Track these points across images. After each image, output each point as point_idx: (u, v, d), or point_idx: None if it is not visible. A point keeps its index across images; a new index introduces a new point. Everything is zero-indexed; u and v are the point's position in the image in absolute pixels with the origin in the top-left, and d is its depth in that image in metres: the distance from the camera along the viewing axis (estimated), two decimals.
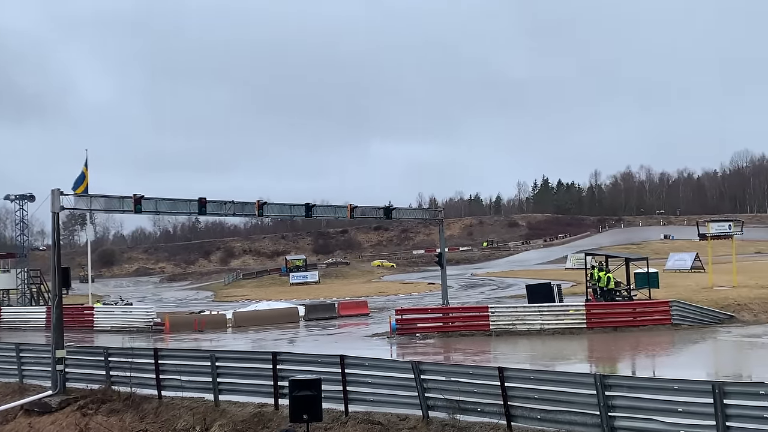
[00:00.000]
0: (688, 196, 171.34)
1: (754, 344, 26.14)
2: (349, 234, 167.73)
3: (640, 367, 23.90)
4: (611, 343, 27.91)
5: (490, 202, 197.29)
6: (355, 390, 15.59)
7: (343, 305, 45.68)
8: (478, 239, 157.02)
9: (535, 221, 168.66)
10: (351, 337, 33.67)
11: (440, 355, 26.93)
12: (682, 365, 23.23)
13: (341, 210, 30.36)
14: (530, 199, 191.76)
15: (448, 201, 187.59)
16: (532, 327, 30.51)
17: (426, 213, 43.39)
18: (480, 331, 30.85)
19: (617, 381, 12.58)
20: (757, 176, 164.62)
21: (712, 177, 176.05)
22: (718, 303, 33.19)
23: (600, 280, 33.27)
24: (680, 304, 31.03)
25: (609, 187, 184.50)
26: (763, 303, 33.84)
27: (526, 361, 24.87)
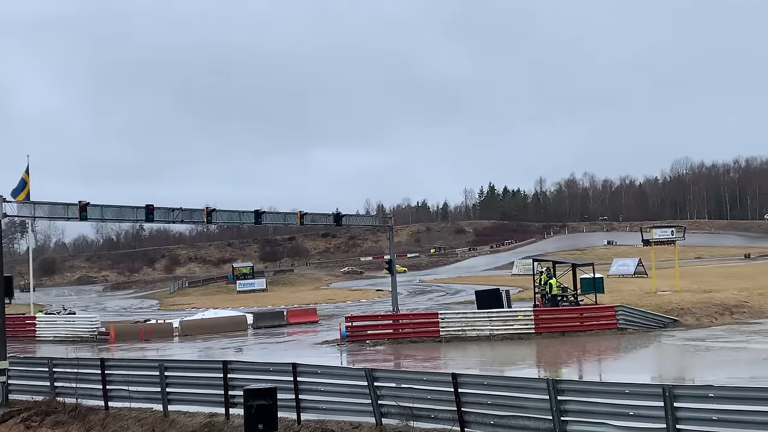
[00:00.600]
0: (630, 203, 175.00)
1: (697, 347, 26.74)
2: (296, 241, 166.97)
3: (589, 371, 24.26)
4: (559, 347, 28.24)
5: (437, 209, 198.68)
6: (307, 398, 15.43)
7: (292, 313, 45.36)
8: (425, 246, 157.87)
9: (482, 228, 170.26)
10: (301, 345, 33.43)
11: (391, 362, 26.93)
12: (629, 369, 23.63)
13: (291, 217, 30.21)
14: (477, 206, 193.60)
15: (395, 208, 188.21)
16: (481, 333, 30.71)
17: (376, 220, 43.46)
18: (430, 337, 30.93)
19: (569, 386, 12.70)
20: (696, 183, 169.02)
21: (654, 184, 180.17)
22: (662, 307, 33.90)
23: (547, 286, 33.65)
24: (626, 308, 31.61)
25: (554, 193, 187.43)
26: (705, 307, 34.68)
27: (476, 366, 25.05)
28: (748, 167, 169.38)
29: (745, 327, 31.25)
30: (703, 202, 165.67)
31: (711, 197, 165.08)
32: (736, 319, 33.61)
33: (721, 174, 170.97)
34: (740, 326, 31.56)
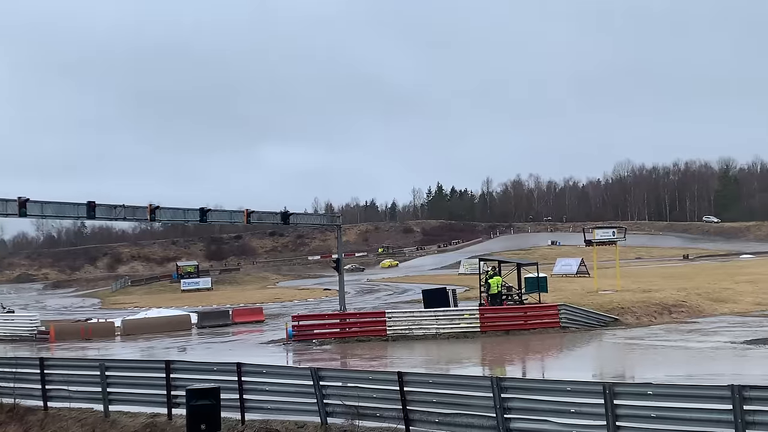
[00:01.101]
0: (573, 204, 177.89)
1: (637, 346, 27.31)
2: (243, 240, 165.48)
3: (532, 369, 24.60)
4: (504, 346, 28.58)
5: (385, 208, 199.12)
6: (252, 398, 15.32)
7: (238, 312, 44.95)
8: (373, 245, 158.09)
9: (430, 227, 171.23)
10: (246, 345, 33.16)
11: (337, 361, 26.91)
12: (571, 367, 24.04)
13: (237, 215, 29.93)
14: (425, 206, 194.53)
15: (344, 207, 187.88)
16: (428, 332, 30.89)
17: (324, 219, 43.35)
18: (377, 336, 30.98)
19: (513, 383, 12.86)
20: (637, 185, 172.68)
21: (596, 185, 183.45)
22: (603, 306, 34.55)
23: (489, 286, 33.94)
24: (568, 307, 32.15)
25: (500, 194, 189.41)
26: (644, 306, 35.47)
27: (422, 365, 25.17)
28: (687, 170, 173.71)
29: (683, 326, 32.05)
30: (643, 203, 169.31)
31: (651, 199, 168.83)
32: (674, 318, 34.47)
33: (661, 177, 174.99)
34: (678, 325, 32.37)
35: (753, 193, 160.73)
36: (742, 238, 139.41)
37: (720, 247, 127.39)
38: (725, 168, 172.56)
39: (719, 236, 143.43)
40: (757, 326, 30.85)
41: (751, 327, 30.66)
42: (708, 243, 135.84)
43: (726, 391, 10.73)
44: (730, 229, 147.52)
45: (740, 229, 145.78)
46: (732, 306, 38.06)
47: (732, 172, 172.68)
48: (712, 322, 32.89)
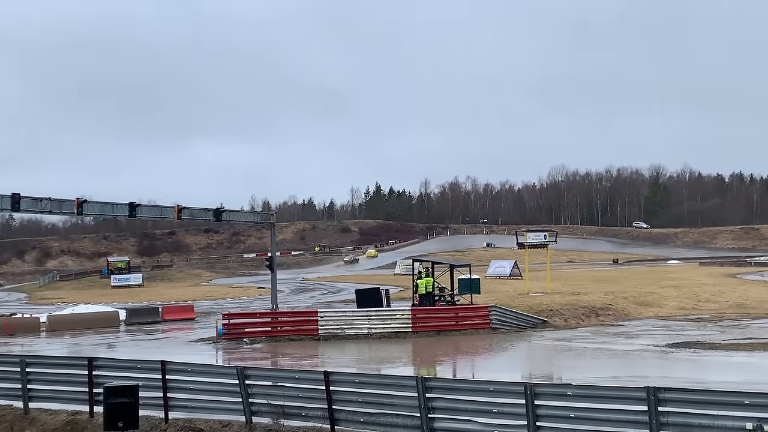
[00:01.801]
0: (509, 207, 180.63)
1: (564, 347, 27.86)
2: (177, 236, 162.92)
3: (461, 369, 24.86)
4: (435, 346, 28.81)
5: (323, 207, 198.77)
6: (176, 396, 15.11)
7: (168, 309, 44.23)
8: (310, 244, 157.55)
9: (367, 227, 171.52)
10: (175, 343, 32.64)
11: (268, 360, 26.73)
12: (499, 367, 24.38)
13: (168, 211, 29.44)
14: (363, 206, 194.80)
15: (281, 205, 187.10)
16: (360, 331, 30.91)
17: (258, 216, 42.97)
18: (309, 335, 30.86)
19: (437, 383, 12.97)
20: (570, 190, 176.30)
21: (531, 189, 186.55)
22: (533, 308, 35.14)
23: (419, 286, 34.14)
24: (499, 309, 32.59)
25: (437, 195, 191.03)
26: (573, 309, 36.23)
27: (353, 365, 25.19)
28: (618, 176, 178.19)
29: (609, 329, 32.85)
30: (576, 208, 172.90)
31: (584, 204, 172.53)
32: (601, 321, 35.30)
33: (593, 182, 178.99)
34: (605, 328, 33.17)
35: (681, 200, 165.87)
36: (670, 244, 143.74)
37: (648, 252, 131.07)
38: (655, 175, 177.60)
39: (648, 241, 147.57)
40: (680, 330, 31.84)
41: (674, 331, 31.62)
42: (637, 248, 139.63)
43: (642, 392, 11.03)
44: (658, 234, 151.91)
45: (668, 235, 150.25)
46: (657, 310, 39.19)
47: (662, 179, 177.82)
48: (637, 326, 33.80)
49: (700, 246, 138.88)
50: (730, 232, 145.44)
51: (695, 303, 42.26)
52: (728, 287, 51.36)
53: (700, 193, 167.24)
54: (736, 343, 26.86)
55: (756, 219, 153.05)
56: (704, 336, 29.24)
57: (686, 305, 41.27)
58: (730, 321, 34.83)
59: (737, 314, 37.65)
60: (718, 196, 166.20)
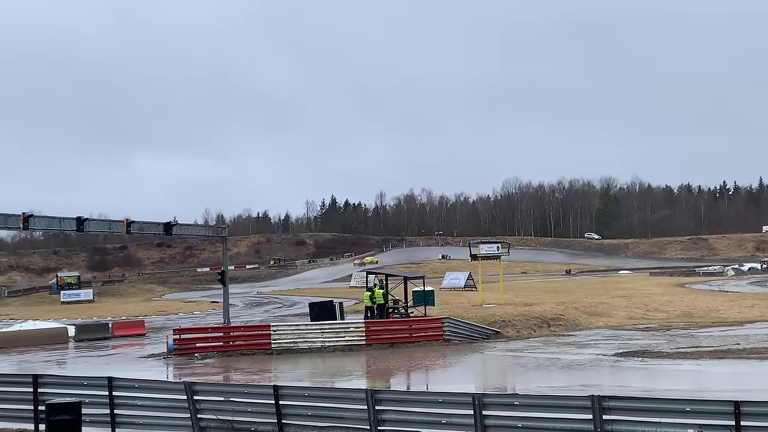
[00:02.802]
0: (464, 219, 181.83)
1: (516, 358, 28.10)
2: (128, 250, 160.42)
3: (414, 381, 24.90)
4: (388, 358, 28.83)
5: (278, 220, 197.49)
6: (123, 413, 14.87)
7: (118, 325, 43.50)
8: (265, 257, 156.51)
9: (323, 240, 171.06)
10: (125, 359, 32.11)
11: (219, 375, 26.44)
12: (451, 379, 24.50)
13: (117, 225, 29.00)
14: (318, 218, 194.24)
15: (236, 218, 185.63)
16: (313, 345, 30.78)
17: (210, 230, 42.52)
18: (261, 349, 30.63)
19: (387, 395, 12.99)
20: (524, 201, 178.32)
21: (486, 201, 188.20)
22: (486, 319, 35.40)
23: (372, 298, 34.17)
24: (452, 320, 32.75)
25: (393, 208, 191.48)
26: (525, 319, 36.59)
27: (306, 378, 25.08)
28: (571, 188, 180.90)
29: (560, 339, 33.25)
30: (530, 219, 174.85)
31: (537, 215, 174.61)
32: (552, 331, 35.71)
33: (546, 194, 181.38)
34: (556, 338, 33.56)
35: (632, 211, 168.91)
36: (621, 255, 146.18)
37: (600, 263, 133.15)
38: (606, 187, 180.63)
39: (600, 252, 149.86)
40: (629, 339, 32.37)
41: (623, 340, 32.12)
42: (589, 258, 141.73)
43: (587, 401, 11.20)
44: (609, 245, 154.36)
45: (619, 246, 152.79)
46: (607, 320, 39.81)
47: (612, 191, 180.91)
48: (588, 336, 34.26)
49: (650, 256, 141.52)
50: (679, 242, 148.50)
51: (644, 312, 43.04)
52: (677, 297, 52.40)
53: (650, 204, 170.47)
54: (684, 352, 27.39)
55: (704, 229, 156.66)
56: (653, 345, 29.77)
57: (636, 315, 42.01)
58: (678, 330, 35.51)
59: (685, 323, 38.43)
60: (667, 207, 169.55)
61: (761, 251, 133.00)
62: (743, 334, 32.93)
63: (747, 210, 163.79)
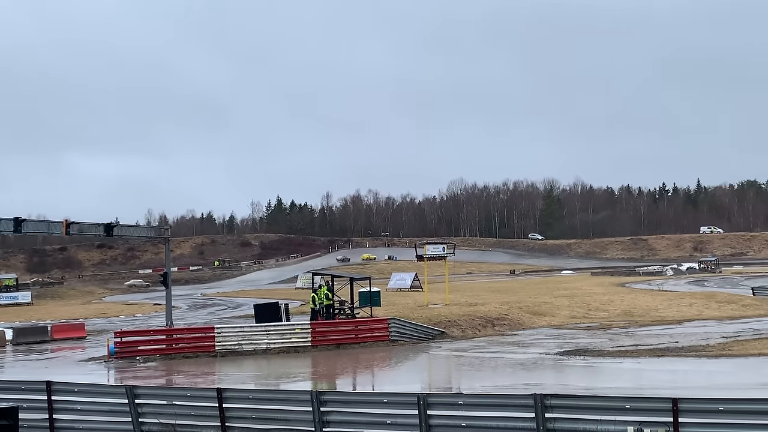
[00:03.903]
0: (410, 220, 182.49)
1: (461, 358, 28.32)
2: (68, 252, 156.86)
3: (360, 382, 24.92)
4: (334, 360, 28.77)
5: (223, 221, 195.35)
6: (63, 418, 14.57)
7: (57, 328, 42.47)
8: (209, 258, 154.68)
9: (268, 241, 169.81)
10: (64, 362, 31.38)
11: (162, 379, 26.05)
12: (397, 379, 24.57)
13: (56, 226, 28.31)
14: (264, 219, 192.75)
15: (179, 219, 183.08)
16: (258, 347, 30.52)
17: (152, 231, 41.84)
18: (205, 352, 30.24)
19: (332, 397, 12.98)
20: (469, 203, 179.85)
21: (432, 202, 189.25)
22: (432, 320, 35.59)
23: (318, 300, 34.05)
24: (398, 321, 32.84)
25: (339, 209, 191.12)
26: (470, 320, 36.89)
27: (251, 381, 24.84)
28: (515, 190, 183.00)
29: (504, 338, 33.62)
30: (475, 220, 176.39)
31: (482, 216, 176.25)
32: (497, 330, 36.08)
33: (491, 195, 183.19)
34: (500, 337, 33.92)
35: (574, 212, 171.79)
36: (564, 255, 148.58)
37: (544, 263, 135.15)
38: (549, 189, 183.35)
39: (543, 252, 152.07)
40: (571, 338, 32.91)
41: (565, 339, 32.64)
42: (533, 259, 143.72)
43: (529, 399, 11.35)
44: (553, 246, 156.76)
45: (562, 246, 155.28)
46: (550, 319, 40.38)
47: (555, 192, 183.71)
48: (531, 335, 34.71)
49: (592, 256, 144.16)
50: (619, 242, 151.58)
51: (586, 312, 43.79)
52: (617, 296, 53.46)
53: (592, 205, 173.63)
54: (624, 350, 27.96)
55: (644, 230, 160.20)
56: (594, 344, 30.31)
57: (577, 314, 42.72)
58: (618, 329, 36.23)
59: (625, 322, 39.24)
60: (608, 208, 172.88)
61: (699, 251, 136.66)
62: (681, 332, 33.77)
63: (685, 211, 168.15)
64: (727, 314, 42.08)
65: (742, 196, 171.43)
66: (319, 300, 33.83)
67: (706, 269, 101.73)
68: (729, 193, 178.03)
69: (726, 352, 26.07)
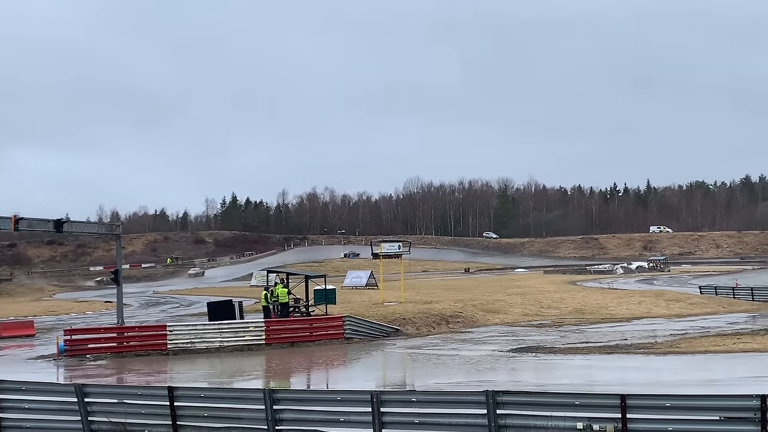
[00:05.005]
0: (366, 218, 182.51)
1: (415, 355, 28.47)
2: (17, 248, 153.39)
3: (314, 380, 24.87)
4: (288, 358, 28.67)
5: (177, 218, 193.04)
6: (10, 417, 14.31)
7: (5, 325, 41.51)
8: (162, 256, 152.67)
9: (223, 238, 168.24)
10: (12, 360, 30.70)
11: (112, 377, 25.68)
12: (352, 377, 24.60)
13: (4, 221, 27.70)
14: (218, 216, 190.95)
15: (132, 216, 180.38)
16: (211, 345, 30.27)
17: (103, 227, 41.21)
18: (157, 350, 29.90)
19: (285, 395, 12.96)
20: (425, 201, 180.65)
21: (388, 200, 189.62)
22: (387, 317, 35.70)
23: (271, 297, 33.90)
24: (353, 319, 32.88)
25: (295, 206, 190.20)
26: (424, 317, 37.10)
27: (203, 379, 24.65)
28: (470, 188, 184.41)
29: (458, 336, 33.87)
30: (431, 219, 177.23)
31: (438, 215, 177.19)
32: (451, 328, 36.36)
33: (447, 194, 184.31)
34: (454, 335, 34.17)
35: (528, 211, 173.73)
36: (518, 253, 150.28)
37: (498, 261, 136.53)
38: (504, 188, 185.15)
39: (497, 251, 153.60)
40: (523, 335, 33.31)
41: (518, 336, 33.03)
42: (487, 257, 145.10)
43: (481, 396, 11.48)
44: (507, 244, 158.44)
45: (516, 245, 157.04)
46: (503, 316, 40.80)
47: (510, 191, 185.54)
48: (485, 332, 35.05)
49: (545, 255, 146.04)
50: (571, 241, 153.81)
51: (538, 309, 44.34)
52: (569, 294, 54.23)
53: (545, 204, 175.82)
54: (575, 347, 28.40)
55: (595, 229, 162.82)
56: (546, 341, 30.74)
57: (530, 311, 43.23)
58: (569, 326, 36.78)
59: (576, 319, 39.86)
60: (561, 207, 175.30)
61: (648, 250, 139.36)
62: (630, 330, 34.43)
63: (635, 211, 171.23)
64: (675, 312, 43.02)
65: (691, 196, 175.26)
66: (273, 298, 33.69)
67: (655, 268, 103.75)
68: (678, 193, 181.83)
69: (674, 350, 26.65)
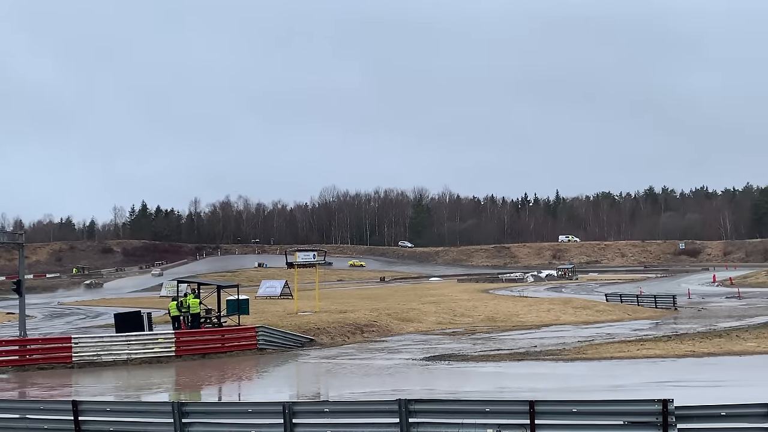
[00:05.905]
0: (281, 227, 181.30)
1: (330, 365, 28.34)
2: None
3: (225, 392, 24.43)
4: (199, 370, 28.08)
5: (83, 227, 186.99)
6: None
7: None
8: (68, 266, 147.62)
9: (131, 247, 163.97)
10: None
11: (14, 391, 24.58)
12: (265, 388, 24.29)
13: None
14: (127, 225, 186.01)
15: (35, 224, 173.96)
16: (118, 357, 29.37)
17: (5, 236, 39.44)
18: (61, 363, 28.79)
19: (194, 408, 12.66)
20: (341, 210, 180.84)
21: (303, 209, 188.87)
22: (301, 327, 35.45)
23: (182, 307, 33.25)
24: (266, 329, 32.49)
25: (208, 215, 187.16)
26: (339, 326, 37.02)
27: (110, 392, 23.89)
28: (386, 197, 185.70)
29: (373, 345, 33.94)
30: (347, 228, 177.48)
31: (354, 224, 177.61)
32: (366, 337, 36.39)
33: (363, 203, 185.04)
34: (369, 344, 34.22)
35: (442, 221, 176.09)
36: (432, 262, 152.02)
37: (413, 270, 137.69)
38: (419, 197, 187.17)
39: (413, 260, 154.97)
40: (437, 343, 33.64)
41: (432, 344, 33.34)
42: (403, 266, 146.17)
43: (394, 405, 11.51)
44: (422, 253, 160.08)
45: (430, 254, 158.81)
46: (417, 325, 41.11)
47: (425, 201, 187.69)
48: (399, 341, 35.23)
49: (459, 264, 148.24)
50: (484, 250, 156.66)
51: (452, 317, 44.88)
52: (481, 302, 55.08)
53: (459, 214, 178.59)
54: (486, 355, 28.84)
55: (507, 238, 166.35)
56: (459, 349, 31.11)
57: (444, 320, 43.71)
58: (482, 334, 37.37)
59: (488, 327, 40.54)
60: (474, 217, 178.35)
61: (557, 259, 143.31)
62: (540, 337, 35.23)
63: (545, 220, 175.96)
64: (582, 319, 44.29)
65: (597, 207, 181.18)
66: (184, 309, 33.00)
67: (564, 276, 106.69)
68: (585, 204, 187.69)
69: (581, 356, 27.38)
